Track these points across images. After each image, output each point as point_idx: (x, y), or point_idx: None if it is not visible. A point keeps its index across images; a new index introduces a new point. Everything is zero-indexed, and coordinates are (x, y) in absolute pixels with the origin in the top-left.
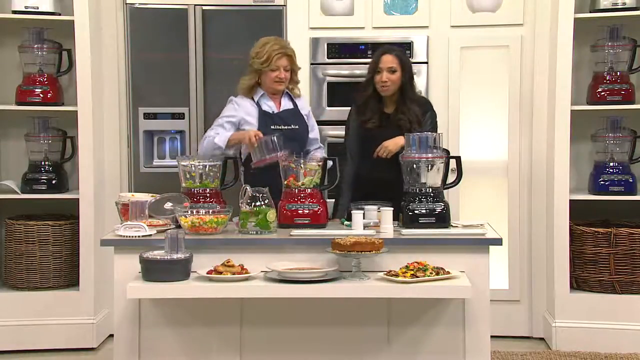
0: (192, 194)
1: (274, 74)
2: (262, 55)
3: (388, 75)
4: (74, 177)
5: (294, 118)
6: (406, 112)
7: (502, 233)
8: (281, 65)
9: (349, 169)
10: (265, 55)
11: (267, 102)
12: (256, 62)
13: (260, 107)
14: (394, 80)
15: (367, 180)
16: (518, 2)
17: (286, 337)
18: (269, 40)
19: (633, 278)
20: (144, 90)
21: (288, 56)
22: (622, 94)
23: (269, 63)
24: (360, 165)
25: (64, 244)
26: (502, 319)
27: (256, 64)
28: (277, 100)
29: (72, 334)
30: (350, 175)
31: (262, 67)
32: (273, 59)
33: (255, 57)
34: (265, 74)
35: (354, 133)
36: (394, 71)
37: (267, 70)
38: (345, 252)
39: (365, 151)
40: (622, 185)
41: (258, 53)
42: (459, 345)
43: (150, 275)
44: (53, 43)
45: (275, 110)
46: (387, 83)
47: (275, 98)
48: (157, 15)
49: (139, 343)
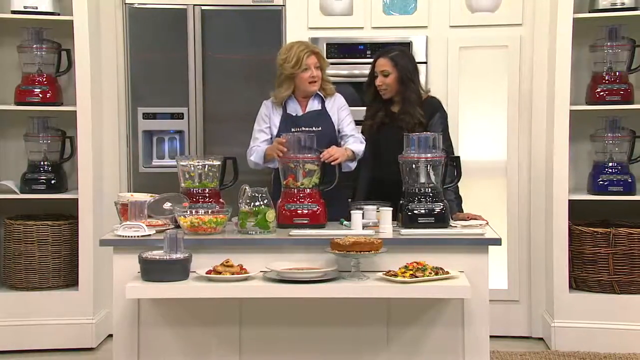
0: (191, 194)
1: (306, 74)
2: (290, 59)
3: (382, 79)
4: (73, 177)
5: (319, 119)
6: (408, 113)
7: (501, 233)
8: (311, 63)
9: (363, 172)
10: (294, 58)
11: (293, 105)
12: (287, 68)
13: (285, 109)
14: (388, 83)
15: (379, 182)
16: (517, 2)
17: (285, 337)
18: (293, 44)
19: (632, 278)
20: (143, 90)
21: (315, 53)
22: (621, 94)
23: (300, 64)
24: (371, 167)
25: (63, 244)
26: (501, 319)
27: (287, 70)
28: (304, 103)
29: (71, 334)
30: (365, 178)
31: (294, 70)
32: (303, 59)
33: (284, 63)
34: (299, 77)
35: (365, 135)
36: (388, 74)
37: (299, 72)
38: (345, 252)
39: (375, 152)
40: (621, 185)
41: (286, 58)
42: (458, 345)
43: (150, 275)
44: (52, 43)
45: (300, 112)
46: (383, 87)
47: (303, 101)
48: (156, 15)
49: (138, 343)
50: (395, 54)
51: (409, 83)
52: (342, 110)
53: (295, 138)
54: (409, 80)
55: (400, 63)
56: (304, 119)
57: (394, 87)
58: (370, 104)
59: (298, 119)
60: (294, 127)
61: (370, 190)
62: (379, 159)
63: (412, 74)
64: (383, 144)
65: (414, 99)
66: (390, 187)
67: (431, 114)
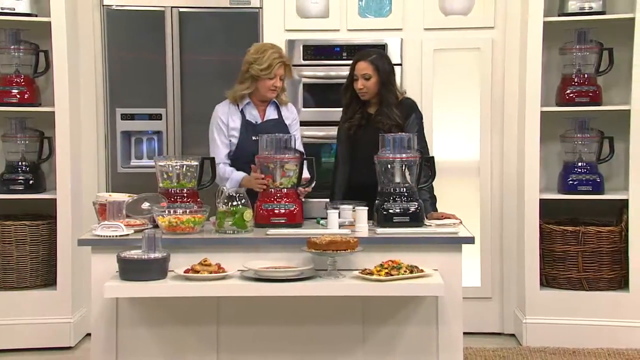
0: (169, 194)
1: (270, 82)
2: (262, 62)
3: (363, 82)
4: (51, 178)
5: (277, 129)
6: (385, 114)
7: (474, 232)
8: (279, 74)
9: (341, 174)
10: (266, 63)
11: (251, 111)
12: (255, 69)
13: (244, 116)
14: (369, 87)
15: (357, 182)
16: (489, 5)
17: (262, 335)
18: (267, 47)
19: (600, 275)
20: (121, 91)
21: (286, 66)
22: (590, 95)
23: (269, 71)
24: (349, 168)
25: (41, 244)
26: (474, 316)
27: (255, 70)
28: (262, 109)
29: (49, 333)
30: (343, 180)
31: (262, 74)
32: (274, 67)
33: (254, 63)
34: (262, 82)
35: (341, 135)
36: (369, 78)
37: (265, 78)
38: (321, 251)
39: (352, 154)
40: (590, 185)
41: (257, 59)
42: (432, 342)
43: (128, 275)
44: (30, 44)
45: (259, 120)
46: (363, 90)
47: (261, 107)
48: (134, 17)
49: (117, 342)
50: (374, 57)
51: (388, 85)
52: (294, 124)
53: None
54: (388, 83)
55: (381, 66)
56: (264, 127)
57: (374, 89)
58: (347, 107)
59: (257, 126)
60: (254, 134)
61: (347, 191)
62: (356, 160)
63: (391, 75)
64: (360, 145)
65: (392, 100)
66: (368, 188)
67: (407, 115)
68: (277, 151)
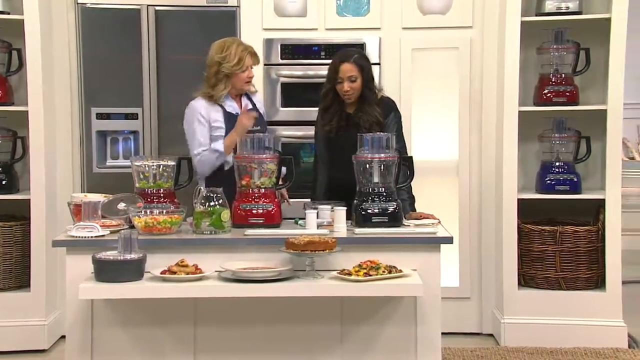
0: (145, 194)
1: (244, 74)
2: (231, 59)
3: (350, 85)
4: (25, 178)
5: (257, 119)
6: (366, 112)
7: (452, 231)
8: (249, 64)
9: (321, 175)
10: (236, 58)
11: (230, 104)
12: (227, 67)
13: (224, 109)
14: (355, 88)
15: (338, 184)
16: (467, 5)
17: (240, 336)
18: (229, 43)
19: (577, 275)
20: (96, 90)
21: (253, 53)
22: (567, 95)
23: (241, 65)
24: (330, 169)
25: (14, 245)
26: (453, 316)
27: (226, 69)
28: (238, 100)
29: (23, 335)
30: (324, 181)
31: (234, 70)
32: (244, 59)
33: (223, 62)
34: (236, 77)
35: (320, 138)
36: (355, 79)
37: (239, 72)
38: (299, 252)
39: (332, 155)
40: (568, 185)
41: (225, 57)
42: (410, 342)
43: (103, 276)
44: (2, 42)
45: (238, 111)
46: (350, 92)
47: (237, 97)
48: (109, 16)
49: (92, 344)
50: (357, 56)
51: (371, 83)
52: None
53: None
54: (371, 81)
55: (365, 66)
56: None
57: (359, 90)
58: (326, 110)
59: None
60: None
61: (328, 191)
62: (336, 160)
63: (372, 73)
64: (340, 146)
65: (372, 98)
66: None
67: (386, 114)
68: (256, 151)
